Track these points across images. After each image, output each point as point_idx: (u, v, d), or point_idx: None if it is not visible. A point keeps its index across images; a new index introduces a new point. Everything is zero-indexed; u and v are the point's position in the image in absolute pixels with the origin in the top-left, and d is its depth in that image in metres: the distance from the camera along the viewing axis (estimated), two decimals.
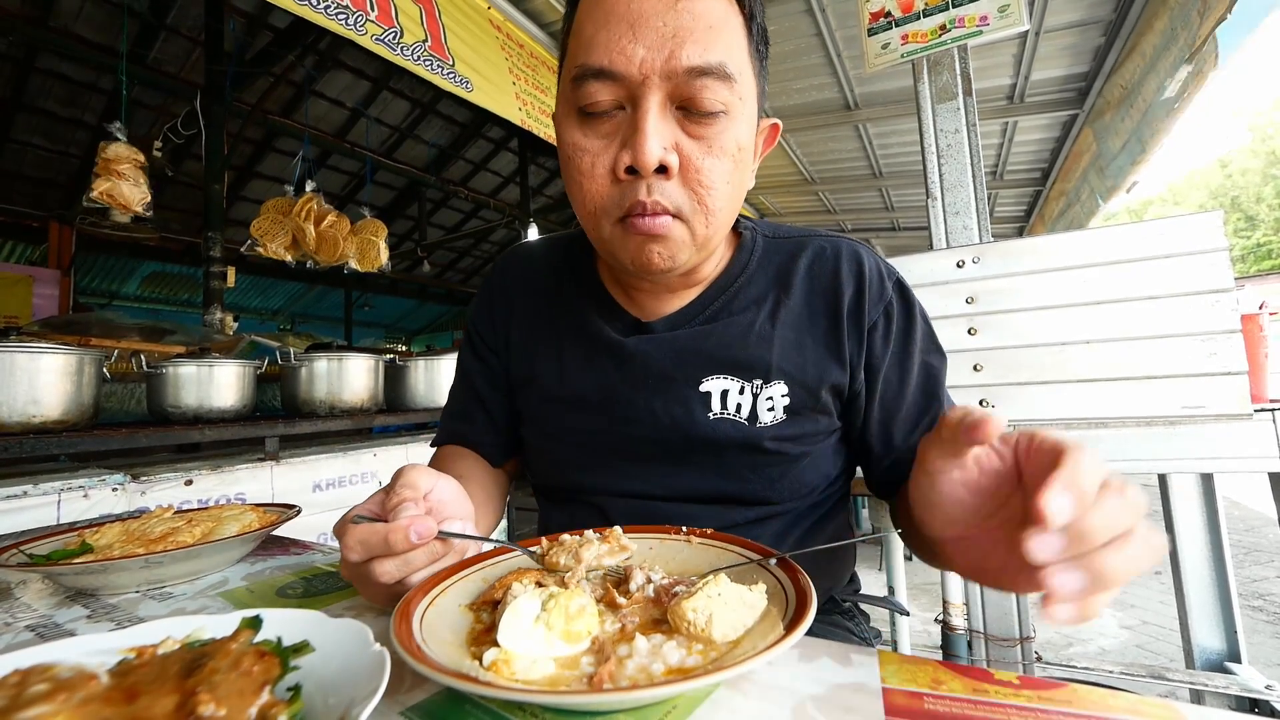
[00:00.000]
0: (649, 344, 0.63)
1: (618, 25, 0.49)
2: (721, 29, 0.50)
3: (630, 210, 0.52)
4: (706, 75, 0.49)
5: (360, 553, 0.43)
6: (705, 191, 0.52)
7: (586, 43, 0.51)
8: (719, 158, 0.52)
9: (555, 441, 0.69)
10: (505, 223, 6.93)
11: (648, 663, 0.34)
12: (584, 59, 0.51)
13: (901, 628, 1.52)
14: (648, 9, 0.49)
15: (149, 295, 8.45)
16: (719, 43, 0.49)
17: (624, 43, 0.49)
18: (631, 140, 0.50)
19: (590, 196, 0.54)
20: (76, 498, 1.42)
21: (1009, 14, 1.59)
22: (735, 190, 0.55)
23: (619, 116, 0.52)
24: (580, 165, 0.53)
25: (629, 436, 0.64)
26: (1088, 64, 3.24)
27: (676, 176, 0.51)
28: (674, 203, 0.52)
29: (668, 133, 0.50)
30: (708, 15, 0.49)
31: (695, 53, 0.48)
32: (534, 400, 0.70)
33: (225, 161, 3.43)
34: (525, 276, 0.75)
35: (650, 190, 0.51)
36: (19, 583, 0.61)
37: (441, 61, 2.27)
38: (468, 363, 0.77)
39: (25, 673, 0.26)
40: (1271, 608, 2.83)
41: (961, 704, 0.31)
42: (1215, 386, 1.16)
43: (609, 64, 0.49)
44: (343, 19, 1.90)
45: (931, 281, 1.42)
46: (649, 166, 0.49)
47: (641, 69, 0.49)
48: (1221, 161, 26.65)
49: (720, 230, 0.56)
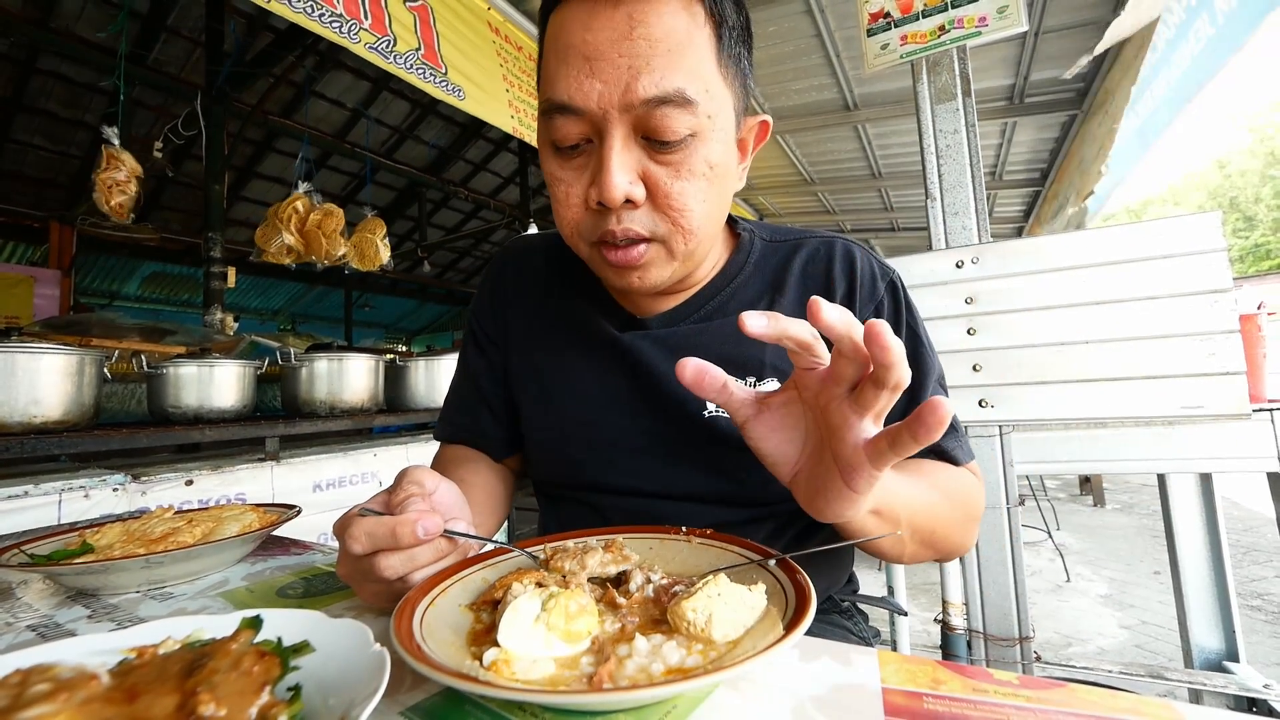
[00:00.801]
0: (644, 340, 0.64)
1: (575, 60, 0.49)
2: (683, 50, 0.49)
3: (603, 238, 0.54)
4: (666, 104, 0.48)
5: (365, 544, 0.43)
6: (678, 214, 0.53)
7: (550, 77, 0.52)
8: (689, 180, 0.52)
9: (551, 435, 0.69)
10: (505, 223, 6.93)
11: (647, 663, 0.34)
12: (548, 93, 0.52)
13: (901, 628, 1.53)
14: (603, 40, 0.48)
15: (149, 295, 8.45)
16: (678, 67, 0.49)
17: (581, 78, 0.49)
18: (598, 177, 0.51)
19: (567, 222, 0.56)
20: (77, 498, 1.42)
21: (1008, 15, 1.59)
22: (713, 205, 0.55)
23: (588, 149, 0.53)
24: (556, 194, 0.55)
25: (624, 431, 0.65)
26: (1087, 64, 3.24)
27: (646, 204, 0.52)
28: (647, 228, 0.53)
29: (633, 163, 0.51)
30: (666, 38, 0.48)
31: (651, 83, 0.48)
32: (532, 393, 0.71)
33: (225, 162, 3.42)
34: (524, 270, 0.76)
35: (620, 219, 0.52)
36: (20, 583, 0.61)
37: (434, 70, 2.27)
38: (470, 356, 0.77)
39: (26, 673, 0.26)
40: (1270, 607, 2.83)
41: (961, 704, 0.32)
42: (1214, 386, 1.17)
43: (569, 99, 0.50)
44: (336, 26, 1.90)
45: (931, 282, 1.42)
46: (615, 203, 0.51)
47: (600, 103, 0.49)
48: (1220, 162, 26.65)
49: (703, 243, 0.57)
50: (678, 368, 0.42)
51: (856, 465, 0.38)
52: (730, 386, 0.43)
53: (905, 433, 0.34)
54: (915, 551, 0.56)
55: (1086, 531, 4.26)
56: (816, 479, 0.42)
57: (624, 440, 0.65)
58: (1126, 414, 1.24)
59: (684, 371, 0.42)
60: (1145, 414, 1.23)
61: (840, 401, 0.39)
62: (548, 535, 0.73)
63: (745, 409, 0.44)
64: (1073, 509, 4.96)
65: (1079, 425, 1.31)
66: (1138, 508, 4.93)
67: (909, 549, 0.55)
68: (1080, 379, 1.27)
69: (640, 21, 0.48)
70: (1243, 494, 5.06)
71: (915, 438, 0.34)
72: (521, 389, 0.72)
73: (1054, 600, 3.02)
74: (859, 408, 0.37)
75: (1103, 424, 1.29)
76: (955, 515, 0.58)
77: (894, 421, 0.37)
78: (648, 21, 0.48)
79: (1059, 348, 1.29)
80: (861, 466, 0.38)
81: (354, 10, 1.96)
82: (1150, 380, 1.21)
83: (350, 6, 1.95)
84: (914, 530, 0.53)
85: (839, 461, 0.40)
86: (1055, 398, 1.29)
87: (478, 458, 0.75)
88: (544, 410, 0.70)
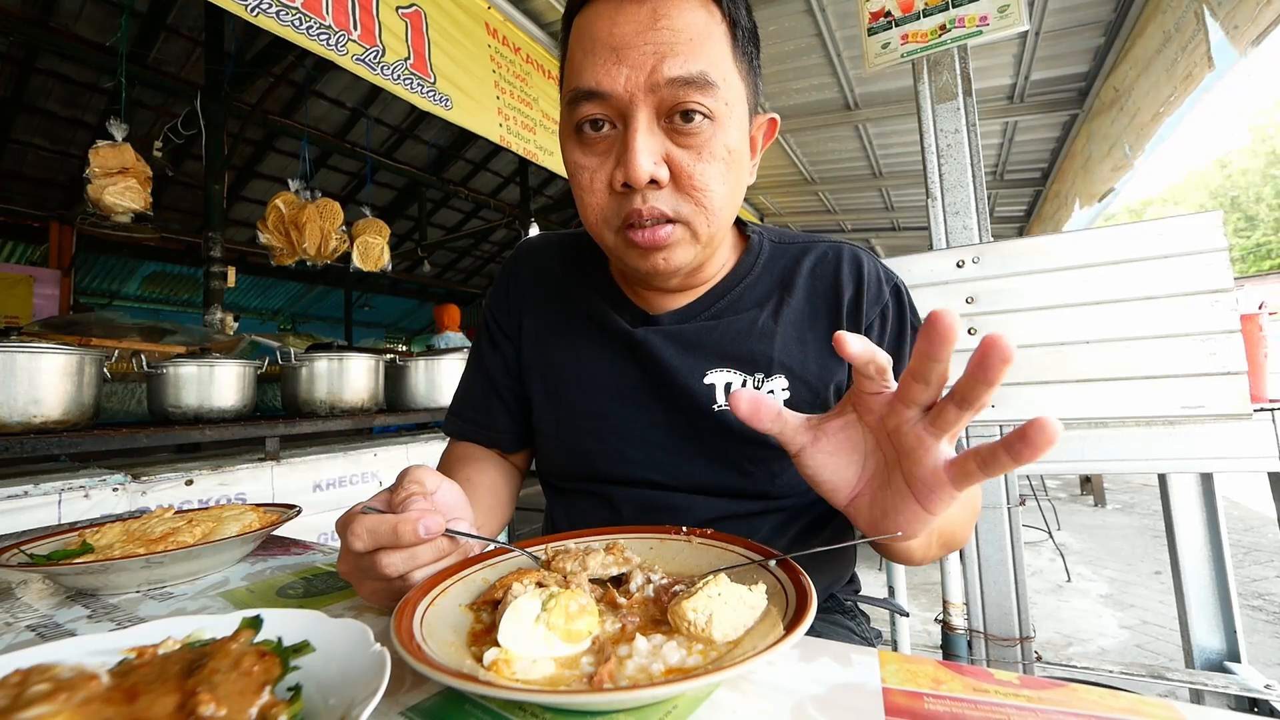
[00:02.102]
0: (656, 335, 0.66)
1: (603, 51, 0.53)
2: (703, 40, 0.52)
3: (628, 219, 0.56)
4: (689, 85, 0.51)
5: (367, 541, 0.43)
6: (701, 194, 0.55)
7: (577, 68, 0.55)
8: (709, 162, 0.54)
9: (563, 426, 0.71)
10: (505, 223, 6.93)
11: (648, 663, 0.34)
12: (576, 83, 0.55)
13: (901, 628, 1.53)
14: (629, 31, 0.52)
15: (149, 295, 8.45)
16: (700, 54, 0.52)
17: (609, 65, 0.52)
18: (623, 158, 0.53)
19: (592, 209, 0.58)
20: (77, 498, 1.42)
21: (1009, 14, 1.59)
22: (731, 189, 0.57)
23: (612, 134, 0.55)
24: (581, 181, 0.57)
25: (635, 423, 0.66)
26: (1088, 64, 3.24)
27: (670, 185, 0.55)
28: (671, 207, 0.55)
29: (657, 146, 0.53)
30: (688, 29, 0.52)
31: (676, 65, 0.51)
32: (545, 385, 0.72)
33: (225, 161, 3.42)
34: (540, 266, 0.78)
35: (645, 199, 0.54)
36: (20, 583, 0.61)
37: (422, 79, 2.26)
38: (485, 350, 0.79)
39: (26, 673, 0.26)
40: (1271, 607, 2.83)
41: (961, 704, 0.31)
42: (1215, 386, 1.16)
43: (597, 85, 0.53)
44: (324, 39, 1.89)
45: (931, 281, 1.42)
46: (640, 181, 0.53)
47: (627, 86, 0.52)
48: (1221, 162, 26.62)
49: (722, 227, 0.59)
50: (731, 400, 0.42)
51: (936, 487, 0.37)
52: (785, 415, 0.43)
53: (1003, 453, 0.33)
54: (935, 553, 0.58)
55: (1087, 531, 4.26)
56: (883, 501, 0.41)
57: (635, 432, 0.66)
58: (1127, 414, 1.24)
59: (739, 404, 0.41)
60: (1146, 414, 1.22)
61: (914, 424, 0.38)
62: (553, 530, 0.74)
63: (800, 436, 0.43)
64: (1073, 509, 4.96)
65: (1080, 425, 1.31)
66: (1138, 508, 4.92)
67: (933, 551, 0.57)
68: (1081, 379, 1.27)
69: (664, 15, 0.52)
70: (1244, 494, 5.06)
71: (1016, 457, 0.32)
72: (534, 381, 0.73)
73: (1054, 600, 3.02)
74: (936, 430, 0.36)
75: (1103, 424, 1.29)
76: (966, 514, 0.60)
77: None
78: (670, 15, 0.52)
79: (1060, 347, 1.29)
80: (941, 488, 0.37)
81: (343, 21, 1.95)
82: (1151, 380, 1.21)
83: (340, 17, 1.94)
84: (940, 533, 0.54)
85: (914, 483, 0.38)
86: (1056, 397, 1.29)
87: (484, 456, 0.76)
88: (556, 402, 0.71)
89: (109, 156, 2.55)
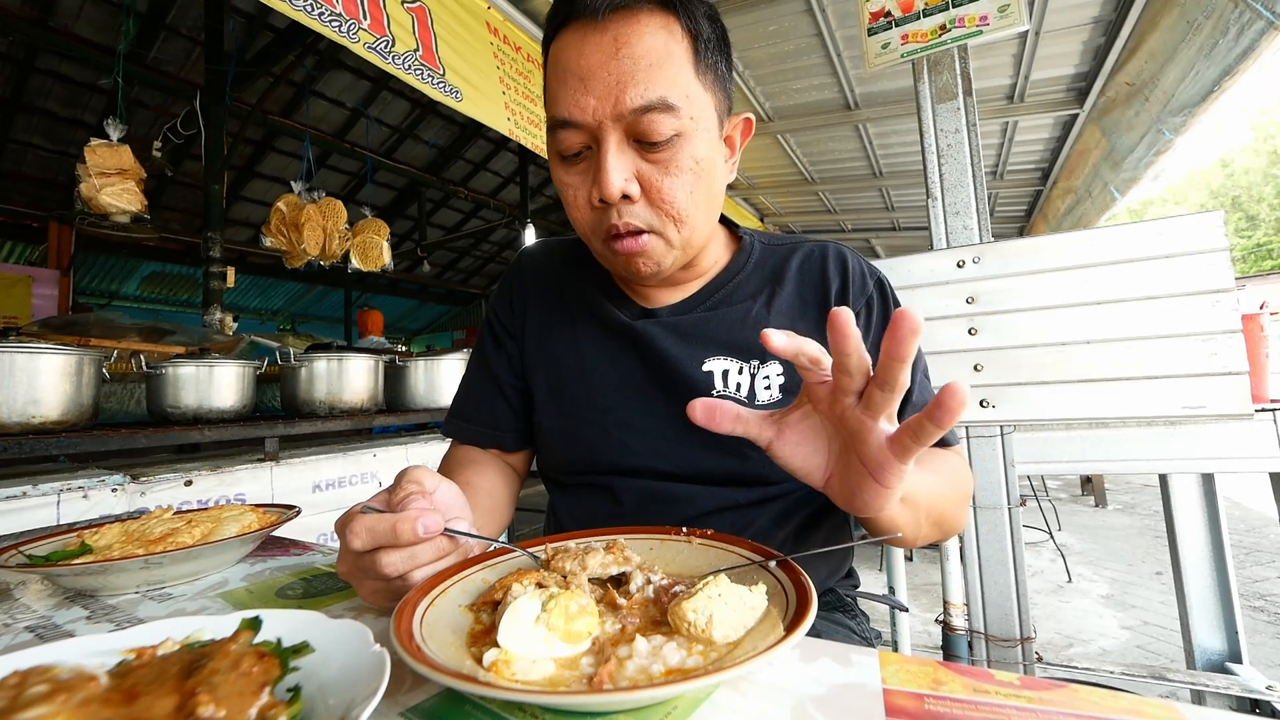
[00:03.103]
0: (656, 327, 0.70)
1: (572, 80, 0.57)
2: (662, 64, 0.56)
3: (608, 232, 0.61)
4: (651, 111, 0.56)
5: (366, 540, 0.43)
6: (669, 206, 0.60)
7: (553, 96, 0.60)
8: (676, 175, 0.59)
9: (565, 419, 0.73)
10: (505, 223, 6.93)
11: (648, 663, 0.34)
12: (552, 112, 0.60)
13: (902, 628, 1.52)
14: (595, 61, 0.56)
15: (149, 295, 8.45)
16: (659, 79, 0.56)
17: (578, 95, 0.57)
18: (597, 178, 0.58)
19: (579, 222, 0.64)
20: (76, 498, 1.42)
21: (1009, 14, 1.59)
22: (701, 195, 0.62)
23: (589, 155, 0.60)
24: (567, 197, 0.63)
25: (637, 413, 0.69)
26: (1088, 63, 3.23)
27: (641, 199, 0.60)
28: (644, 220, 0.60)
29: (627, 164, 0.58)
30: (647, 55, 0.56)
31: (637, 94, 0.55)
32: (547, 379, 0.75)
33: (225, 161, 3.43)
34: (543, 268, 0.81)
35: (620, 214, 0.60)
36: (18, 583, 0.61)
37: (432, 71, 2.28)
38: (488, 349, 0.81)
39: (25, 674, 0.26)
40: (1272, 608, 2.83)
41: (962, 705, 0.31)
42: (1216, 386, 1.16)
43: (569, 115, 0.58)
44: (335, 25, 1.91)
45: (931, 281, 1.41)
46: (613, 198, 0.58)
47: (595, 115, 0.57)
48: (1222, 161, 26.58)
49: (698, 230, 0.63)
50: (689, 409, 0.45)
51: (884, 462, 0.40)
52: (743, 415, 0.46)
53: (927, 421, 0.36)
54: (928, 532, 0.60)
55: (1088, 532, 4.26)
56: (849, 481, 0.44)
57: (637, 422, 0.69)
58: (1128, 414, 1.24)
59: (695, 412, 0.45)
60: (1147, 414, 1.22)
61: (852, 409, 0.41)
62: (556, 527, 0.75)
63: (765, 431, 0.46)
64: (1074, 509, 4.96)
65: (1080, 425, 1.31)
66: (1139, 508, 4.92)
67: (924, 530, 0.58)
68: (1081, 379, 1.27)
69: (625, 43, 0.56)
70: (1245, 494, 5.06)
71: (938, 424, 0.35)
72: (537, 376, 0.76)
73: (1055, 601, 3.02)
74: (870, 412, 0.39)
75: (1104, 424, 1.29)
76: (956, 495, 0.63)
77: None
78: (630, 42, 0.56)
79: (1060, 347, 1.29)
80: (889, 462, 0.40)
81: (353, 10, 1.96)
82: (1152, 380, 1.21)
83: (349, 6, 1.95)
84: (928, 512, 0.56)
85: (866, 462, 0.41)
86: (1056, 398, 1.29)
87: (484, 460, 0.77)
88: (558, 395, 0.73)
89: (105, 157, 2.54)
